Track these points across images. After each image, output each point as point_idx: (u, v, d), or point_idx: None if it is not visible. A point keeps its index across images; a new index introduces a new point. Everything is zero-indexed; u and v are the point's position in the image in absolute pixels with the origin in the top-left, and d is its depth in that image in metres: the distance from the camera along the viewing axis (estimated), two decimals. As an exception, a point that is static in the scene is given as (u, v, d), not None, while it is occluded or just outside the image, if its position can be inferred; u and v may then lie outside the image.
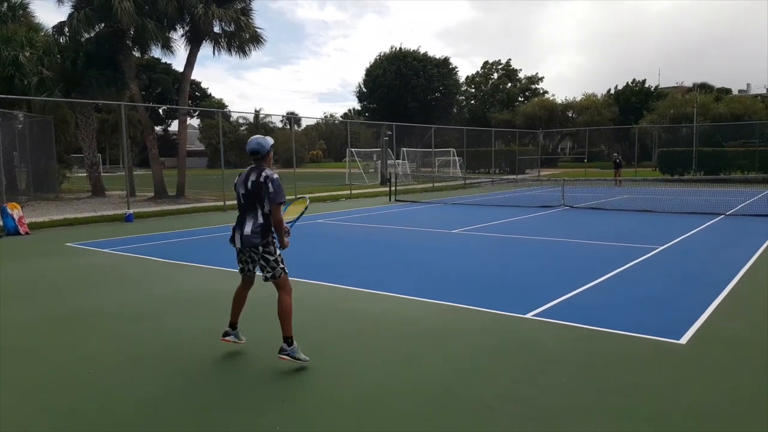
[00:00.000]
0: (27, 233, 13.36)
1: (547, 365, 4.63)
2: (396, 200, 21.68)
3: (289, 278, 4.85)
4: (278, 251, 4.72)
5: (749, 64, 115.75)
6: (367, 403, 4.00)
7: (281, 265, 4.72)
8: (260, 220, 4.65)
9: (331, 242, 11.69)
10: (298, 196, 5.31)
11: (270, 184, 4.58)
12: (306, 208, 5.34)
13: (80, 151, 27.63)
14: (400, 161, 35.94)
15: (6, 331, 5.76)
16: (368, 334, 5.52)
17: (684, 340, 5.14)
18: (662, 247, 10.00)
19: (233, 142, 70.09)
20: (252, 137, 4.77)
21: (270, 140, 4.79)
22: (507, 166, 43.15)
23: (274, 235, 4.71)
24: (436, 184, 29.88)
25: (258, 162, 4.71)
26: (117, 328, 5.82)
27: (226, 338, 5.01)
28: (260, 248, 4.65)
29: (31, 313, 6.44)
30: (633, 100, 55.80)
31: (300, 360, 4.63)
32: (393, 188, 22.51)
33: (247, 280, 5.02)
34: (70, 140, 27.80)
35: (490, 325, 5.71)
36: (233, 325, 5.04)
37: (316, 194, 24.27)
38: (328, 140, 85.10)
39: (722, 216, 14.54)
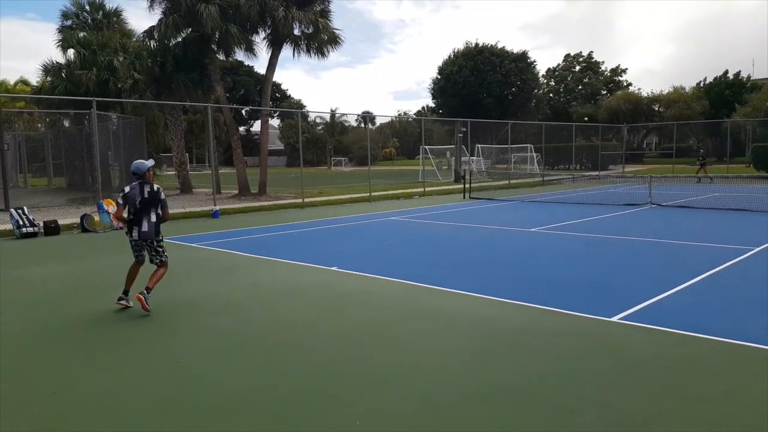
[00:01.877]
0: (121, 228, 14.23)
1: (635, 370, 4.45)
2: (470, 198, 21.46)
3: (369, 274, 4.90)
4: (163, 244, 6.56)
5: None
6: (446, 403, 3.98)
7: (165, 252, 6.59)
8: (154, 219, 6.35)
9: (404, 240, 11.72)
10: None
11: (161, 194, 6.44)
12: None
13: (169, 151, 29.17)
14: (474, 158, 35.51)
15: (103, 322, 6.17)
16: (445, 333, 5.49)
17: (787, 348, 4.79)
18: (758, 248, 9.35)
19: (310, 140, 71.86)
20: (135, 161, 6.45)
21: (148, 164, 6.46)
22: (589, 162, 41.69)
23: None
24: (512, 182, 29.33)
25: (141, 179, 6.34)
26: (206, 319, 6.11)
27: (120, 302, 6.46)
28: (154, 242, 6.45)
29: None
30: (726, 93, 52.26)
31: (146, 308, 6.15)
32: (467, 185, 22.29)
33: (141, 262, 6.60)
34: (159, 140, 29.35)
35: (573, 328, 5.54)
36: (126, 292, 6.52)
37: (390, 191, 24.43)
38: (402, 138, 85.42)
39: (829, 215, 13.41)
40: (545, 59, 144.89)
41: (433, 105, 64.02)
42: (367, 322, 5.90)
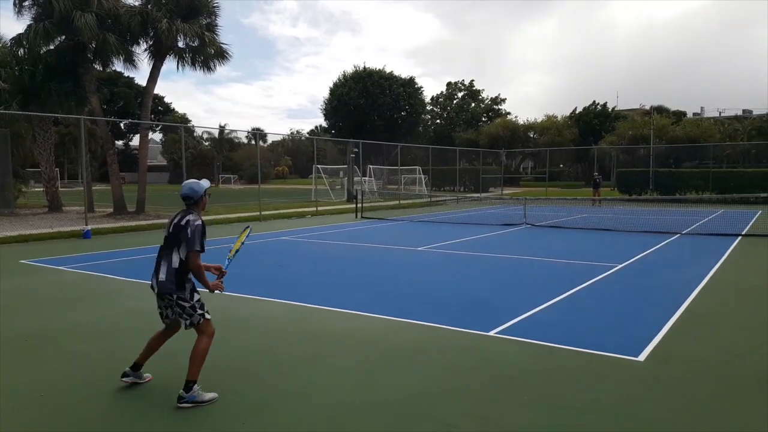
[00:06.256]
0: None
1: (510, 382, 4.68)
2: (362, 217, 21.69)
3: (258, 297, 4.76)
4: (196, 296, 4.43)
5: (704, 88, 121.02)
6: (330, 425, 3.95)
7: (200, 311, 4.39)
8: (175, 264, 4.36)
9: (295, 260, 11.60)
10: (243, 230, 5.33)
11: (188, 229, 4.31)
12: (247, 235, 5.24)
13: (37, 166, 26.86)
14: (366, 178, 36.03)
15: (-47, 353, 5.52)
16: (332, 354, 5.47)
17: (642, 357, 5.26)
18: (621, 265, 10.24)
19: (196, 157, 69.34)
20: (186, 181, 4.58)
21: (204, 184, 4.57)
22: (471, 184, 43.71)
23: (193, 279, 4.45)
24: (402, 202, 30.03)
25: (189, 207, 4.49)
26: (71, 349, 5.65)
27: (125, 379, 4.62)
28: (174, 295, 4.36)
29: (-20, 333, 6.19)
30: (594, 122, 57.28)
31: (205, 401, 4.25)
32: (359, 205, 22.53)
33: (169, 326, 4.61)
34: (26, 154, 27.01)
35: (453, 343, 5.73)
36: (137, 366, 4.64)
37: (282, 210, 24.12)
38: (294, 156, 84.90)
39: (678, 235, 14.99)
40: (434, 86, 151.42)
41: (326, 125, 64.30)
42: (253, 347, 5.74)
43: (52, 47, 21.66)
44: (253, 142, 74.85)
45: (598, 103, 60.56)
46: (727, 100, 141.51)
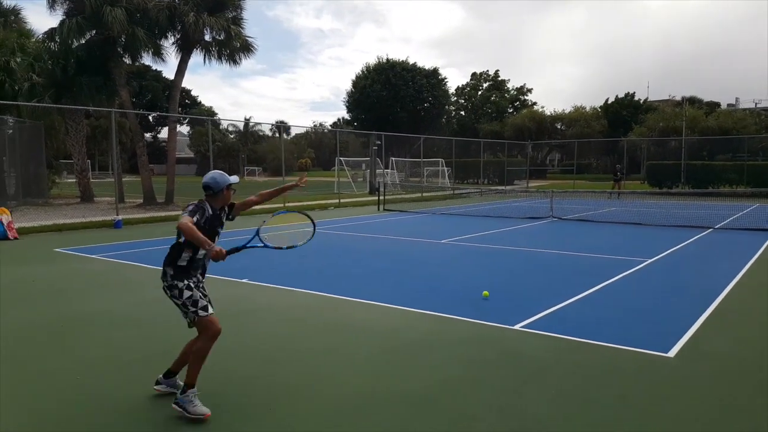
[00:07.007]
0: (16, 238, 13.27)
1: (533, 376, 4.65)
2: (384, 210, 21.70)
3: (281, 286, 4.80)
4: (186, 294, 3.96)
5: (739, 79, 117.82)
6: (350, 415, 3.98)
7: (192, 308, 3.94)
8: (171, 250, 4.14)
9: (318, 251, 11.64)
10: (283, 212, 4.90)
11: (186, 211, 4.03)
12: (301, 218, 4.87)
13: (70, 157, 27.47)
14: (388, 171, 36.02)
15: (-10, 339, 5.69)
16: (353, 344, 5.51)
17: (672, 353, 5.17)
18: (651, 260, 10.07)
19: (222, 149, 70.07)
20: (212, 171, 4.29)
21: (231, 179, 4.23)
22: (495, 176, 43.36)
23: (183, 276, 4.04)
24: (424, 194, 29.96)
25: (207, 198, 4.17)
26: (104, 335, 5.79)
27: (157, 387, 4.30)
28: (164, 287, 4.09)
29: (19, 319, 6.37)
30: (624, 114, 56.20)
31: (191, 414, 3.84)
32: (381, 198, 22.53)
33: (189, 325, 4.12)
34: (59, 146, 27.65)
35: (476, 336, 5.72)
36: (170, 374, 4.30)
37: (305, 203, 24.26)
38: (317, 149, 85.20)
39: (711, 229, 14.67)
40: (458, 77, 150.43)
41: (348, 117, 64.37)
42: (274, 336, 5.81)
43: (83, 41, 22.09)
44: (276, 134, 75.37)
45: (629, 94, 59.40)
46: (763, 90, 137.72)
